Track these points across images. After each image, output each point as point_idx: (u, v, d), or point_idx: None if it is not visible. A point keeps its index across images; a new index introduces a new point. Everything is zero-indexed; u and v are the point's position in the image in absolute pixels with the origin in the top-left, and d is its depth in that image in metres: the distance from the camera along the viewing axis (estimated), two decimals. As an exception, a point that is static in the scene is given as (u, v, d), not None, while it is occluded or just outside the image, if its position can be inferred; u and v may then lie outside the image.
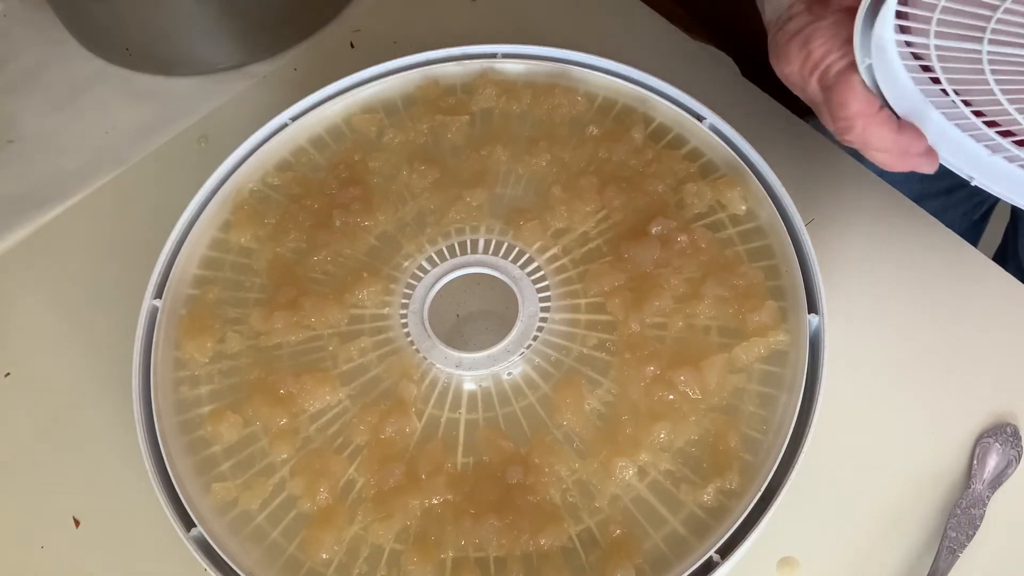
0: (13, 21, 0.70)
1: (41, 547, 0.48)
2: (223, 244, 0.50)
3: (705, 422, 0.43)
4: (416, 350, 0.46)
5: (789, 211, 0.47)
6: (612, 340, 0.45)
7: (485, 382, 0.45)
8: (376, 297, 0.48)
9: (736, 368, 0.44)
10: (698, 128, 0.51)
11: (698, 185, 0.48)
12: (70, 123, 0.64)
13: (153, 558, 0.47)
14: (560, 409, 0.43)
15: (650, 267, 0.46)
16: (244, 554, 0.41)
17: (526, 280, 0.48)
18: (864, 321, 0.51)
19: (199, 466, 0.44)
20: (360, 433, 0.44)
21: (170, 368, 0.46)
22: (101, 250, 0.58)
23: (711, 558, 0.39)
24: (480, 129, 0.53)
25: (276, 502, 0.43)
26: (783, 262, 0.46)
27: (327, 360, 0.46)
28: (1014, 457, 0.46)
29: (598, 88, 0.53)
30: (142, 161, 0.62)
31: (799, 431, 0.41)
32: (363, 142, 0.53)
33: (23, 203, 0.60)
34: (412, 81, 0.55)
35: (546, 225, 0.49)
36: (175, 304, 0.48)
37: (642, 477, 0.42)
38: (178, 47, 0.63)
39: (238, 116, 0.63)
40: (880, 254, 0.53)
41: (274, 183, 0.52)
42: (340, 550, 0.41)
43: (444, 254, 0.49)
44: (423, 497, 0.42)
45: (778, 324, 0.44)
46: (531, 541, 0.40)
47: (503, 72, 0.54)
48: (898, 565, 0.44)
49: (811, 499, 0.45)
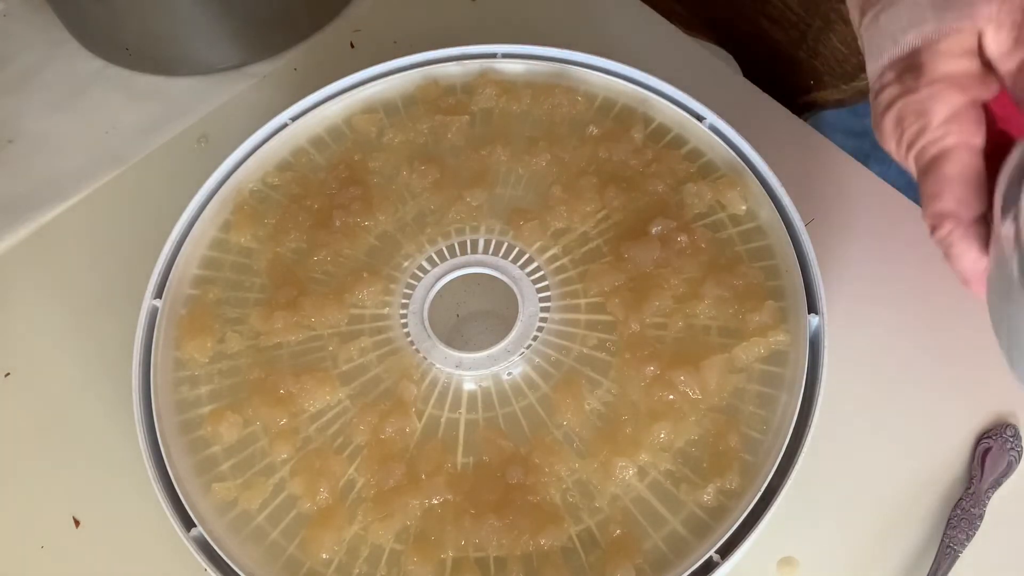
0: (13, 21, 0.70)
1: (41, 547, 0.48)
2: (223, 244, 0.50)
3: (705, 422, 0.43)
4: (416, 350, 0.46)
5: (789, 211, 0.47)
6: (612, 340, 0.45)
7: (485, 382, 0.45)
8: (376, 297, 0.48)
9: (736, 368, 0.44)
10: (698, 128, 0.51)
11: (698, 185, 0.48)
12: (70, 123, 0.64)
13: (153, 558, 0.47)
14: (560, 409, 0.43)
15: (650, 267, 0.46)
16: (244, 554, 0.41)
17: (526, 280, 0.48)
18: (864, 321, 0.51)
19: (199, 466, 0.44)
20: (360, 433, 0.44)
21: (170, 368, 0.46)
22: (101, 250, 0.58)
23: (711, 558, 0.39)
24: (480, 129, 0.53)
25: (276, 502, 0.43)
26: (783, 262, 0.46)
27: (327, 360, 0.46)
28: (1014, 457, 0.46)
29: (598, 88, 0.53)
30: (142, 161, 0.62)
31: (799, 431, 0.41)
32: (363, 142, 0.53)
33: (23, 203, 0.60)
34: (412, 81, 0.55)
35: (546, 225, 0.49)
36: (175, 304, 0.48)
37: (642, 477, 0.42)
38: (178, 47, 0.63)
39: (238, 116, 0.62)
40: (880, 254, 0.53)
41: (274, 183, 0.52)
42: (340, 550, 0.41)
43: (444, 254, 0.49)
44: (423, 497, 0.42)
45: (778, 324, 0.44)
46: (531, 541, 0.40)
47: (503, 72, 0.54)
48: (898, 565, 0.44)
49: (811, 499, 0.45)
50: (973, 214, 0.32)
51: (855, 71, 0.60)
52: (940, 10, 0.32)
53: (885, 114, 0.34)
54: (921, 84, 0.33)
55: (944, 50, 0.32)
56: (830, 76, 0.63)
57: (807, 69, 0.64)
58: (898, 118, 0.33)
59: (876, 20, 0.35)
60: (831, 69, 0.62)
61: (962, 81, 0.33)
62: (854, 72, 0.61)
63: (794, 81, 0.65)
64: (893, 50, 0.34)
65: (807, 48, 0.63)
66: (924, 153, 0.33)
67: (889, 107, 0.34)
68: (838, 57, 0.61)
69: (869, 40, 0.35)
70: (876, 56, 0.35)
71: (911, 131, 0.33)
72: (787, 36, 0.64)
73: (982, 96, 0.33)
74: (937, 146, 0.33)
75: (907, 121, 0.33)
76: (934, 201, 0.33)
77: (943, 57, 0.32)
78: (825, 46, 0.61)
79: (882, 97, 0.34)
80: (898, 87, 0.34)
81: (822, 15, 0.60)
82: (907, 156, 0.34)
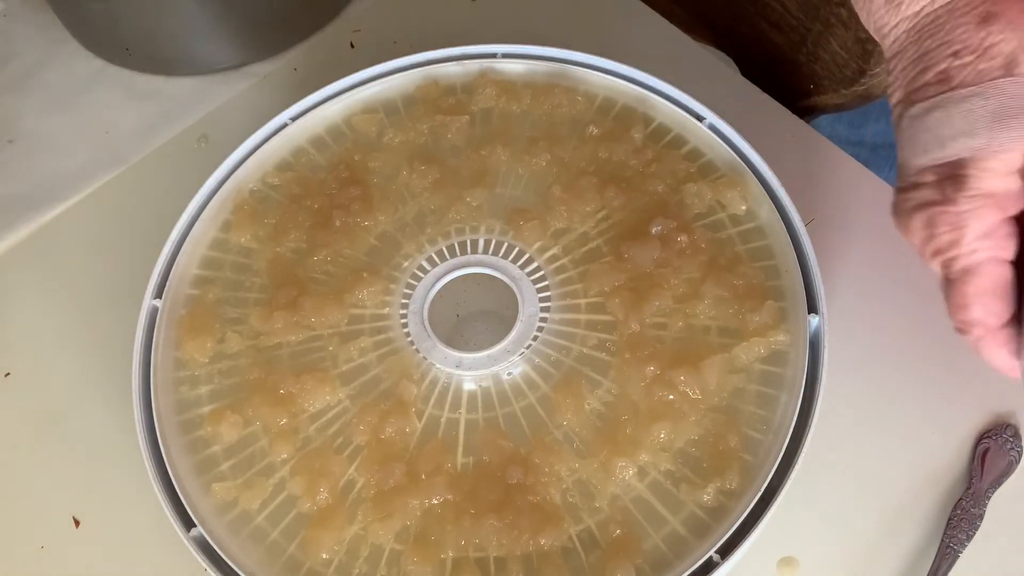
0: (13, 21, 0.70)
1: (41, 547, 0.48)
2: (223, 244, 0.50)
3: (705, 422, 0.43)
4: (416, 350, 0.46)
5: (789, 211, 0.47)
6: (612, 340, 0.45)
7: (485, 382, 0.45)
8: (376, 297, 0.48)
9: (736, 368, 0.44)
10: (698, 128, 0.51)
11: (698, 185, 0.48)
12: (70, 123, 0.64)
13: (153, 558, 0.47)
14: (560, 409, 0.43)
15: (650, 267, 0.46)
16: (244, 554, 0.41)
17: (526, 280, 0.48)
18: (864, 321, 0.51)
19: (199, 466, 0.44)
20: (360, 433, 0.44)
21: (170, 368, 0.46)
22: (101, 250, 0.58)
23: (711, 558, 0.39)
24: (480, 129, 0.53)
25: (276, 502, 0.43)
26: (783, 262, 0.46)
27: (327, 360, 0.46)
28: (1014, 457, 0.46)
29: (598, 88, 0.53)
30: (142, 161, 0.62)
31: (799, 431, 0.41)
32: (363, 142, 0.53)
33: (23, 203, 0.60)
34: (412, 81, 0.55)
35: (546, 225, 0.49)
36: (175, 304, 0.48)
37: (642, 477, 0.42)
38: (178, 47, 0.63)
39: (238, 116, 0.62)
40: (880, 254, 0.53)
41: (274, 183, 0.52)
42: (340, 550, 0.41)
43: (444, 254, 0.49)
44: (423, 497, 0.42)
45: (778, 324, 0.44)
46: (531, 541, 0.40)
47: (503, 72, 0.54)
48: (898, 565, 0.44)
49: (811, 499, 0.45)
50: (1001, 321, 0.33)
51: (855, 76, 0.60)
52: (995, 129, 0.32)
53: (915, 213, 0.34)
54: (961, 197, 0.32)
55: (991, 168, 0.32)
56: (830, 80, 0.63)
57: (807, 73, 0.64)
58: (929, 222, 0.33)
59: (926, 115, 0.33)
60: (831, 73, 0.62)
61: (1003, 200, 0.32)
62: (854, 77, 0.60)
63: (794, 85, 0.65)
64: (938, 153, 0.33)
65: (807, 52, 0.63)
66: (953, 264, 0.33)
67: (922, 208, 0.34)
68: (838, 62, 0.61)
69: (912, 134, 0.34)
70: (917, 151, 0.34)
71: (942, 240, 0.33)
72: (787, 40, 0.64)
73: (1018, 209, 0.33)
74: (968, 260, 0.33)
75: (939, 229, 0.33)
76: (962, 310, 0.33)
77: (989, 176, 0.32)
78: (825, 50, 0.61)
79: (916, 196, 0.34)
80: (936, 193, 0.33)
81: (822, 19, 0.60)
82: (932, 259, 0.34)
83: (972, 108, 0.32)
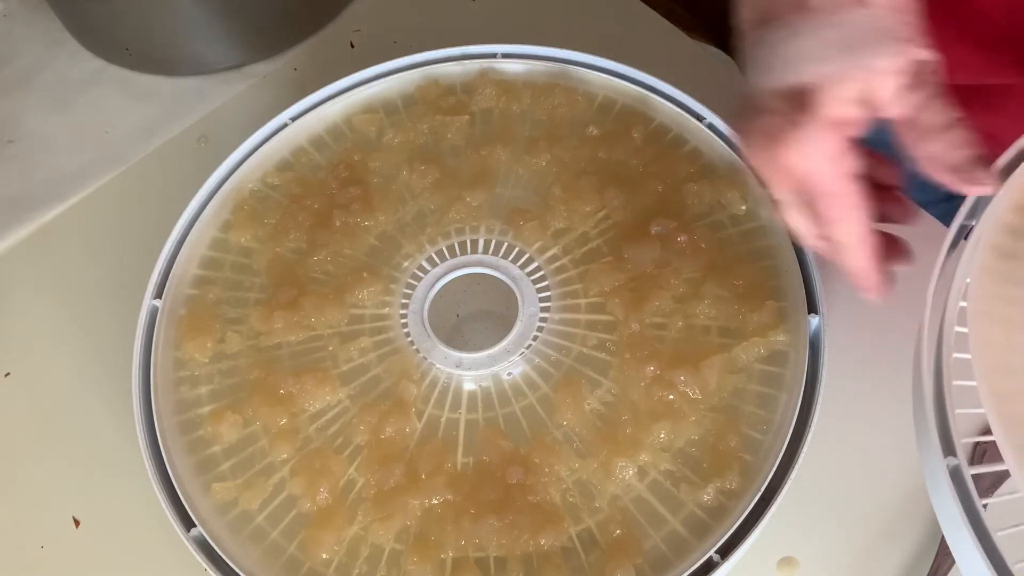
0: (13, 21, 0.70)
1: (41, 547, 0.48)
2: (223, 244, 0.50)
3: (705, 422, 0.43)
4: (416, 350, 0.46)
5: (789, 211, 0.47)
6: (612, 340, 0.45)
7: (485, 382, 0.45)
8: (376, 297, 0.48)
9: (736, 368, 0.44)
10: (698, 128, 0.51)
11: (698, 185, 0.48)
12: (70, 123, 0.64)
13: (153, 558, 0.47)
14: (560, 409, 0.43)
15: (650, 267, 0.46)
16: (244, 554, 0.41)
17: (526, 280, 0.48)
18: (864, 321, 0.51)
19: (199, 466, 0.44)
20: (360, 433, 0.44)
21: (170, 368, 0.46)
22: (101, 250, 0.58)
23: (711, 558, 0.39)
24: (480, 129, 0.53)
25: (276, 502, 0.43)
26: (783, 262, 0.46)
27: (327, 360, 0.46)
28: (1014, 457, 0.46)
29: (598, 88, 0.53)
30: (142, 161, 0.62)
31: (799, 431, 0.41)
32: (363, 142, 0.53)
33: (23, 203, 0.60)
34: (412, 81, 0.55)
35: (546, 225, 0.49)
36: (175, 304, 0.48)
37: (642, 477, 0.42)
38: (178, 47, 0.63)
39: (238, 116, 0.62)
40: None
41: (274, 183, 0.52)
42: (340, 550, 0.41)
43: (444, 254, 0.49)
44: (423, 497, 0.42)
45: (778, 324, 0.44)
46: (531, 541, 0.40)
47: (503, 72, 0.54)
48: (898, 565, 0.44)
49: (811, 499, 0.45)
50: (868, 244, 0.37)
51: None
52: (846, 57, 0.33)
53: (763, 137, 0.35)
54: (807, 121, 0.34)
55: (837, 96, 0.33)
56: None
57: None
58: (776, 144, 0.34)
59: (778, 39, 0.34)
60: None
61: (844, 126, 0.34)
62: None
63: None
64: (789, 77, 0.34)
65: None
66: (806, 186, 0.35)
67: (769, 132, 0.35)
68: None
69: (762, 54, 0.35)
70: (766, 73, 0.35)
71: (790, 161, 0.34)
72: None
73: (855, 133, 0.34)
74: (822, 184, 0.35)
75: (787, 152, 0.34)
76: (828, 225, 0.36)
77: (836, 102, 0.33)
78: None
79: (764, 120, 0.35)
80: (783, 117, 0.34)
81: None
82: (779, 184, 0.36)
83: (825, 35, 0.33)
